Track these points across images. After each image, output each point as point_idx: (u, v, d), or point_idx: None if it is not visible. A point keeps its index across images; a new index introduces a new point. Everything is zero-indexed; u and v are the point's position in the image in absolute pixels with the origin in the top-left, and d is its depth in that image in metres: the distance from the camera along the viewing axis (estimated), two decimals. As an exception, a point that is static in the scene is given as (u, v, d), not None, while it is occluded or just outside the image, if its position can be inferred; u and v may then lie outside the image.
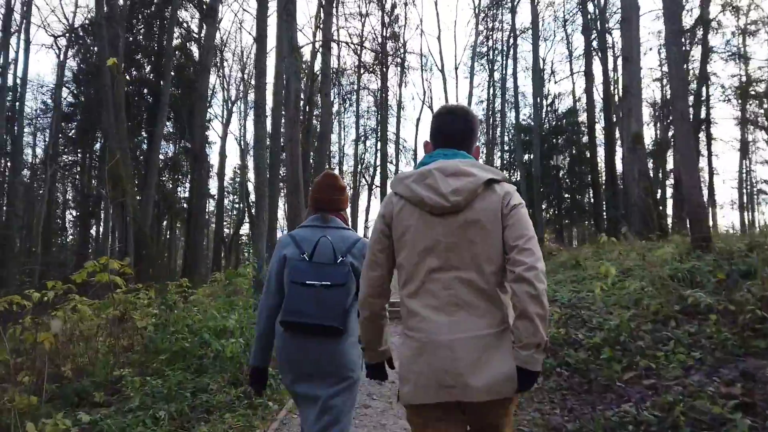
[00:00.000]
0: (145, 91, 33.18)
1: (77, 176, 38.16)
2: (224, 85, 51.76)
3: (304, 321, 2.24)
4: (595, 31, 29.00)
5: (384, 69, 34.49)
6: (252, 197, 40.09)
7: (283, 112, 14.55)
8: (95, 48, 28.39)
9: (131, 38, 33.13)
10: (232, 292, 9.97)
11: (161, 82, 23.86)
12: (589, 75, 27.91)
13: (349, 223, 2.73)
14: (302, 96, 35.00)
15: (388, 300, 1.94)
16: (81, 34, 34.31)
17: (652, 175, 23.16)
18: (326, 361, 2.33)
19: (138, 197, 30.58)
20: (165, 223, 40.61)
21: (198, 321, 6.74)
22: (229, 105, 47.52)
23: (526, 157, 31.60)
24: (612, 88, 28.22)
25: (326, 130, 22.58)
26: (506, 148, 38.51)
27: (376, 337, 1.98)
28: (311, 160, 26.67)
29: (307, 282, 2.28)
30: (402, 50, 32.45)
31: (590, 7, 29.09)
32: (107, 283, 6.22)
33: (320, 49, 22.23)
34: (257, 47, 10.84)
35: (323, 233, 2.44)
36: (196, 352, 5.82)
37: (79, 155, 37.56)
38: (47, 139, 37.22)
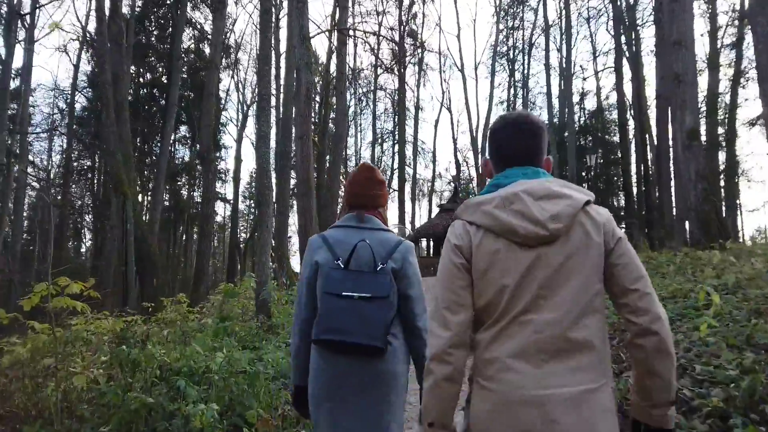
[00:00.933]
0: (157, 93, 32.25)
1: (93, 181, 37.27)
2: (239, 88, 51.08)
3: (344, 339, 1.91)
4: (622, 26, 27.17)
5: (402, 69, 32.96)
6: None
7: (293, 107, 13.07)
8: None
9: (144, 40, 32.21)
10: (228, 314, 8.41)
11: (170, 83, 22.65)
12: (618, 71, 26.05)
13: (388, 222, 2.34)
14: (317, 96, 33.66)
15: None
16: (95, 37, 33.01)
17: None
18: (370, 383, 2.01)
19: (145, 202, 29.45)
20: (181, 229, 39.58)
21: (175, 360, 5.18)
22: (245, 108, 46.50)
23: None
24: (643, 84, 26.39)
25: (341, 131, 21.04)
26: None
27: (451, 407, 1.47)
28: (326, 163, 25.26)
29: (344, 293, 1.95)
30: (420, 49, 30.80)
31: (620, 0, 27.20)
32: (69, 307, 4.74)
33: (335, 44, 20.70)
34: (261, 23, 9.32)
35: (361, 235, 2.10)
36: (167, 407, 4.23)
37: (97, 160, 36.51)
38: (63, 144, 36.49)
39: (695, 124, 11.87)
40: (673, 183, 21.58)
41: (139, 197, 32.77)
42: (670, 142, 22.04)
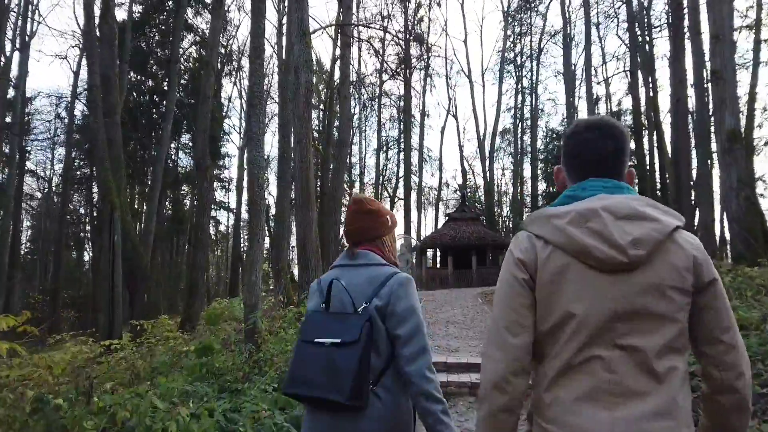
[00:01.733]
0: (158, 100, 31.29)
1: (92, 190, 36.23)
2: (242, 95, 50.14)
3: (307, 393, 1.70)
4: (637, 26, 25.95)
5: (408, 74, 31.82)
6: (273, 211, 37.75)
7: (292, 109, 11.87)
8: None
9: (145, 46, 31.27)
10: (209, 343, 7.14)
11: (168, 87, 21.59)
12: (633, 74, 24.80)
13: (394, 254, 2.00)
14: (321, 105, 32.54)
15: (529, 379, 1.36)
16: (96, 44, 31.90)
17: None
18: None
19: (143, 211, 28.26)
20: (181, 239, 38.48)
21: (123, 418, 3.96)
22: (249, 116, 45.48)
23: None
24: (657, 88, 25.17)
25: (346, 136, 19.84)
26: (540, 156, 35.21)
27: None
28: (330, 172, 24.07)
29: (316, 340, 1.74)
30: (426, 53, 29.67)
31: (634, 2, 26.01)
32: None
33: (338, 45, 19.57)
34: (252, 10, 8.16)
35: (350, 273, 1.84)
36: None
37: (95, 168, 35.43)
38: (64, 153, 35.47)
39: (736, 126, 10.62)
40: (693, 191, 20.37)
41: (137, 206, 31.75)
42: (693, 149, 20.89)
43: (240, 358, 7.33)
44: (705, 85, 20.39)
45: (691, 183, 20.47)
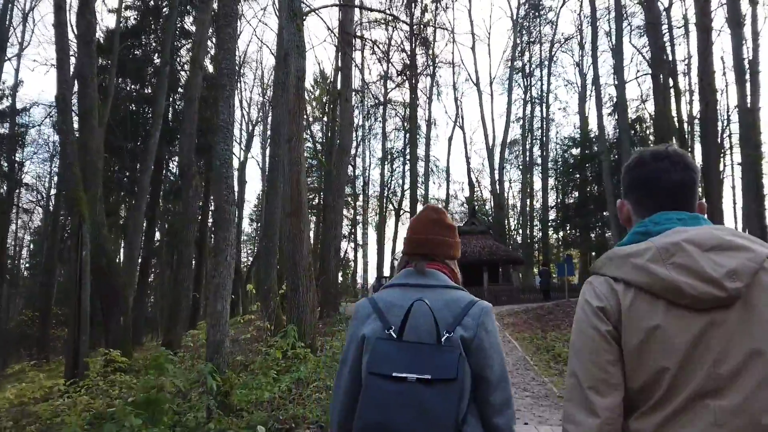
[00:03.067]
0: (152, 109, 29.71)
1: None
2: (243, 106, 48.69)
3: None
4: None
5: (414, 81, 30.09)
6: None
7: (282, 103, 10.05)
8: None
9: (140, 54, 29.73)
10: (155, 396, 5.19)
11: (157, 91, 19.93)
12: (656, 79, 22.92)
13: (460, 279, 1.66)
14: (323, 110, 30.75)
15: None
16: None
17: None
18: None
19: (122, 223, 26.33)
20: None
21: None
22: (250, 127, 44.10)
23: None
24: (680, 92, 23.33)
25: (347, 142, 18.02)
26: (553, 165, 33.25)
27: None
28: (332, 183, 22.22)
29: (395, 374, 1.34)
30: (432, 59, 27.92)
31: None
32: None
33: (338, 42, 17.85)
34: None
35: (419, 294, 1.47)
36: None
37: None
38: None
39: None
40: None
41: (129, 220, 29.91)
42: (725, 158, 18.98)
43: (199, 416, 5.45)
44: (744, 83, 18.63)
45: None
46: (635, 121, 27.20)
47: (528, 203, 40.35)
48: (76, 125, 14.17)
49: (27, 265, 43.95)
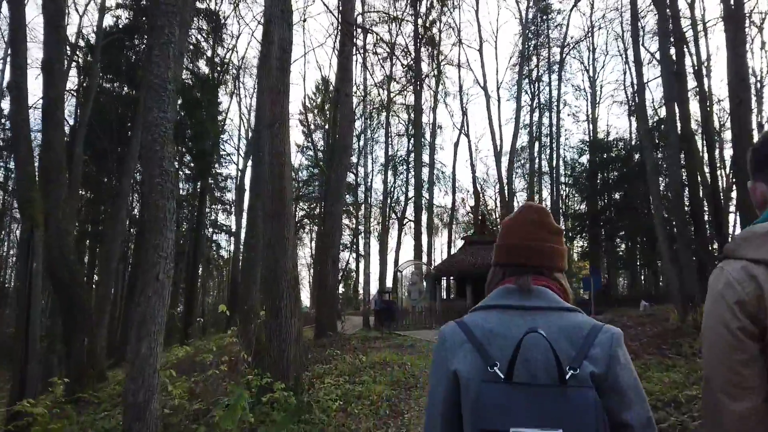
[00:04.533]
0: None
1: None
2: (243, 112, 47.09)
3: None
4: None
5: (418, 83, 28.20)
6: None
7: (266, 82, 8.08)
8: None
9: (133, 56, 28.03)
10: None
11: (140, 89, 18.10)
12: (681, 75, 20.94)
13: (572, 297, 1.28)
14: (325, 118, 28.84)
15: None
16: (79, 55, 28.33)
17: None
18: None
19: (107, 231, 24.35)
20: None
21: None
22: (250, 134, 42.37)
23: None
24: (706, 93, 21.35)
25: (347, 141, 16.06)
26: (566, 171, 31.20)
27: None
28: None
29: (513, 430, 0.98)
30: (437, 60, 26.08)
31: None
32: None
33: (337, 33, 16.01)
34: None
35: (527, 320, 1.13)
36: None
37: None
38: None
39: None
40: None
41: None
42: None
43: None
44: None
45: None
46: (658, 123, 25.13)
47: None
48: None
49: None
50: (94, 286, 22.74)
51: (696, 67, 22.66)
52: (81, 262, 24.23)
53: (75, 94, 23.19)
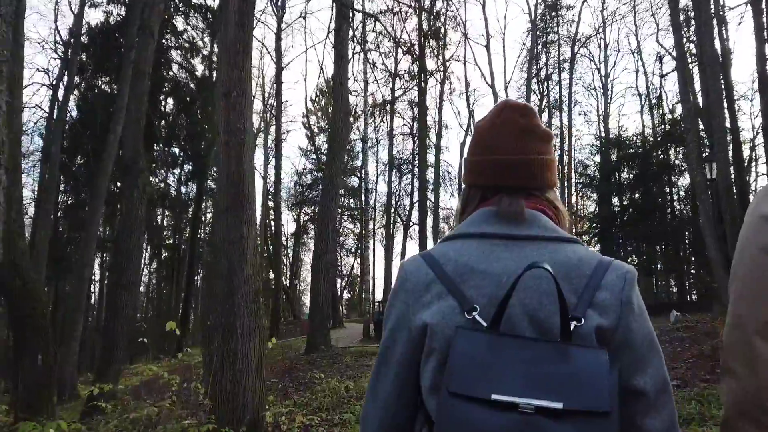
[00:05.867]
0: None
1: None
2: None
3: None
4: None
5: (422, 81, 26.58)
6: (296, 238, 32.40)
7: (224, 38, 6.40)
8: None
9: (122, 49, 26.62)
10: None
11: (120, 81, 16.56)
12: (704, 65, 19.12)
13: (568, 221, 1.02)
14: (329, 120, 27.21)
15: None
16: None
17: None
18: None
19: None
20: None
21: None
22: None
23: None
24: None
25: (343, 135, 14.40)
26: (579, 170, 29.37)
27: None
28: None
29: (497, 398, 0.73)
30: (443, 52, 24.49)
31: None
32: None
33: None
34: None
35: (521, 254, 0.88)
36: None
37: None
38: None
39: None
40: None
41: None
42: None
43: None
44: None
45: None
46: (672, 119, 23.26)
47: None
48: None
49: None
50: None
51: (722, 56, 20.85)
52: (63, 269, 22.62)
53: (51, 87, 21.70)
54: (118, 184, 19.02)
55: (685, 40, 20.80)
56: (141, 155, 11.46)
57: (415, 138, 28.17)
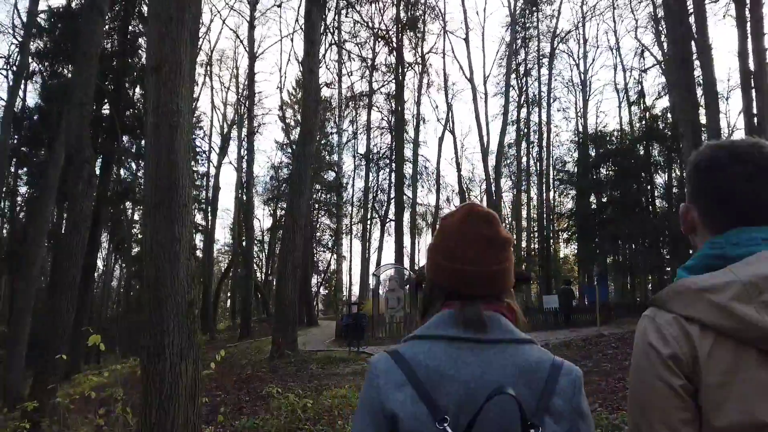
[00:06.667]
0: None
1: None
2: (217, 105, 44.26)
3: None
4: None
5: (400, 74, 25.70)
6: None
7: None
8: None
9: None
10: None
11: (75, 63, 15.38)
12: (688, 62, 18.58)
13: (522, 319, 1.08)
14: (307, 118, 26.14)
15: None
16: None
17: None
18: None
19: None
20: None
21: None
22: (224, 129, 39.54)
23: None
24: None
25: (311, 125, 13.44)
26: (558, 167, 28.82)
27: None
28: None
29: None
30: (420, 45, 23.66)
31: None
32: None
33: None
34: None
35: (482, 358, 0.96)
36: None
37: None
38: None
39: None
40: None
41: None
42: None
43: None
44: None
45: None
46: (652, 118, 22.70)
47: (526, 213, 36.04)
48: None
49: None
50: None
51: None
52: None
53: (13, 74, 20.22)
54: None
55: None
56: (86, 144, 10.36)
57: (393, 132, 27.29)
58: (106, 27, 18.45)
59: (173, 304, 4.73)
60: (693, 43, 15.02)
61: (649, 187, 20.84)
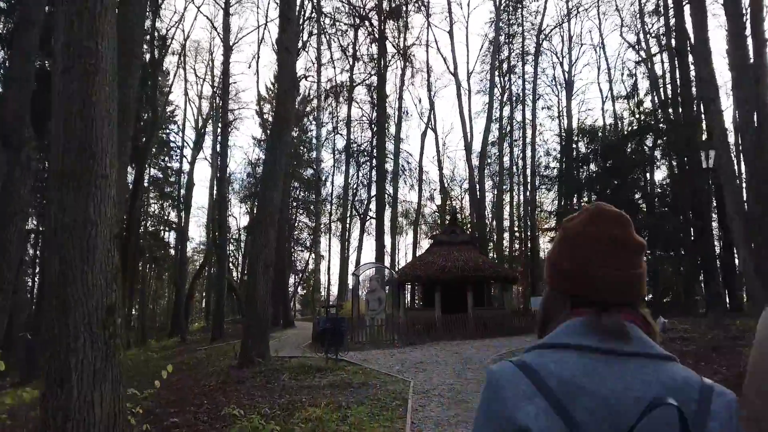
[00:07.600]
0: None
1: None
2: (191, 98, 42.58)
3: None
4: None
5: (382, 67, 24.53)
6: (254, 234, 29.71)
7: None
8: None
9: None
10: None
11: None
12: (682, 54, 17.81)
13: (656, 332, 0.92)
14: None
15: None
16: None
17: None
18: None
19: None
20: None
21: None
22: (199, 123, 37.87)
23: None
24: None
25: (287, 112, 12.19)
26: (544, 164, 27.98)
27: None
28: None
29: None
30: (403, 36, 22.59)
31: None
32: None
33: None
34: None
35: (618, 372, 0.83)
36: None
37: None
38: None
39: None
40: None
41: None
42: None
43: None
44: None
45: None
46: (644, 114, 21.88)
47: (509, 212, 35.21)
48: None
49: None
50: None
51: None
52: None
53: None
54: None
55: (663, 26, 19.47)
56: (25, 123, 8.96)
57: (373, 126, 26.09)
58: None
59: (84, 310, 3.46)
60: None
61: (642, 184, 20.03)
